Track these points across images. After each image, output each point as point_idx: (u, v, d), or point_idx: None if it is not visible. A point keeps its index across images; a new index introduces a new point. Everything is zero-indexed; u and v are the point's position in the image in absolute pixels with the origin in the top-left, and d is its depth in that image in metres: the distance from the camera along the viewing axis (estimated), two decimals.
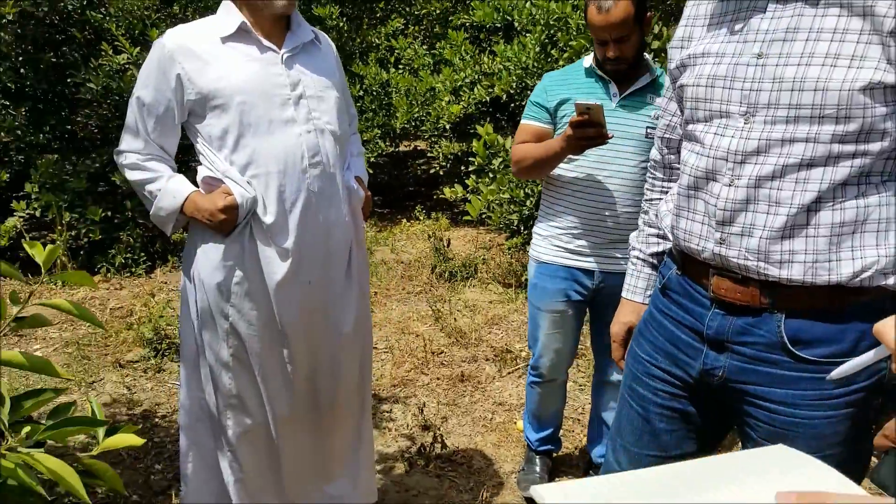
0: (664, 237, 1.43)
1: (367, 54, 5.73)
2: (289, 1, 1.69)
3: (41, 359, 0.90)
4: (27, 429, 0.83)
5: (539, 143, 2.07)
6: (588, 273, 2.12)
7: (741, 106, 1.11)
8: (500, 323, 3.70)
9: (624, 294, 1.50)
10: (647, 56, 2.10)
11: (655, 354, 1.30)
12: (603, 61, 2.00)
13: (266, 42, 1.72)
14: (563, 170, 2.08)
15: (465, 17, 5.03)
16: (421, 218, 5.57)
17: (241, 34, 1.70)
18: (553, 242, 2.15)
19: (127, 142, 1.77)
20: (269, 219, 1.73)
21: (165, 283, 4.17)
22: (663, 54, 2.61)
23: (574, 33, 4.14)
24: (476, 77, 4.98)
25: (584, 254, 2.11)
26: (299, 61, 1.76)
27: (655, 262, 1.46)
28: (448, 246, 4.70)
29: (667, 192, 1.42)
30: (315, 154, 1.76)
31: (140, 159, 1.76)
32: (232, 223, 1.72)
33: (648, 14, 2.00)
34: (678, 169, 1.36)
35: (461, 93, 5.06)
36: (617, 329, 1.48)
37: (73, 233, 4.18)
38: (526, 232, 4.15)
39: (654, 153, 1.46)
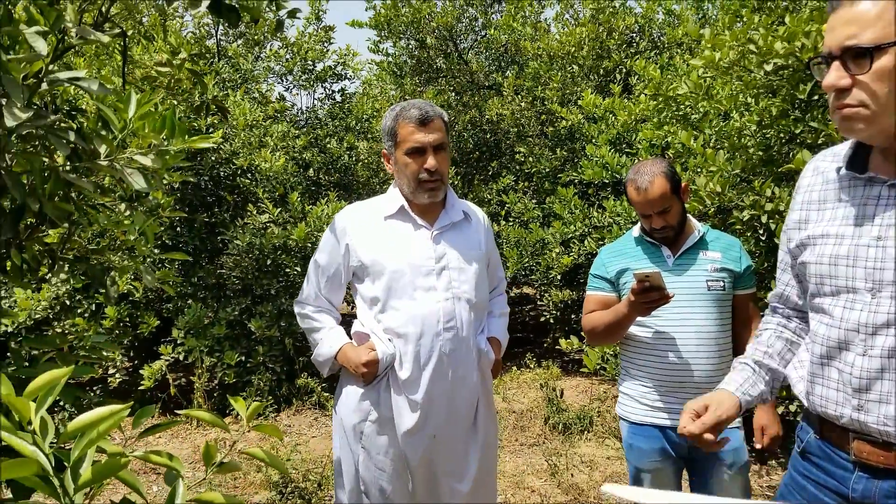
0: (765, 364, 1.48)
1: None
2: (430, 196, 1.94)
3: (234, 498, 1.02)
4: None
5: (607, 310, 2.15)
6: None
7: (867, 283, 1.19)
8: (619, 480, 3.58)
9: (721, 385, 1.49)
10: (691, 217, 2.21)
11: None
12: (650, 232, 2.12)
13: (420, 221, 1.97)
14: (637, 331, 2.14)
15: (574, 174, 5.29)
16: (531, 366, 5.58)
17: (400, 213, 1.98)
18: (641, 402, 2.16)
19: (304, 294, 2.09)
20: (404, 374, 1.91)
21: (290, 426, 4.35)
22: (777, 215, 2.67)
23: None
24: (586, 230, 5.16)
25: (673, 411, 2.09)
26: (447, 237, 1.99)
27: (759, 369, 1.48)
28: (561, 396, 4.67)
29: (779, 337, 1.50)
30: (450, 319, 1.93)
31: (312, 310, 2.06)
32: (373, 375, 1.92)
33: (683, 184, 2.13)
34: (788, 331, 1.48)
35: (571, 244, 5.23)
36: (694, 405, 1.43)
37: (209, 375, 4.50)
38: None
39: (768, 317, 1.55)
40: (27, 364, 1.48)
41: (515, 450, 4.07)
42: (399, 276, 1.92)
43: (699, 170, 2.90)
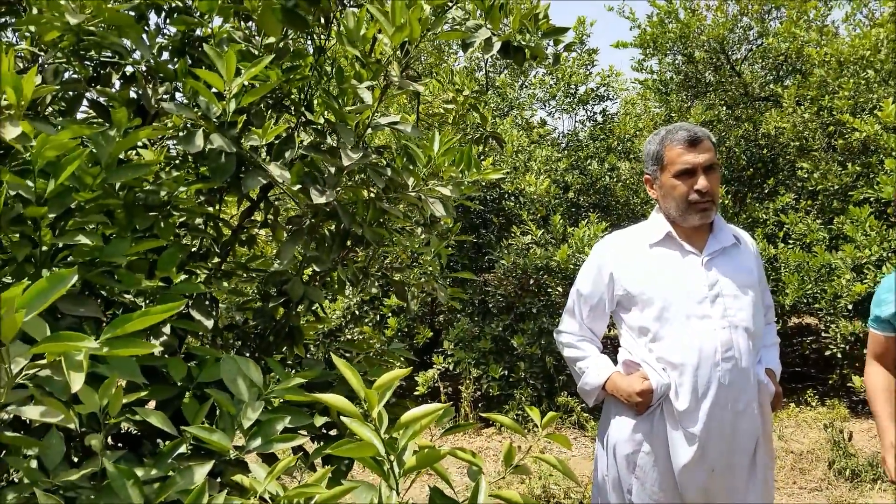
0: None
1: (753, 230, 5.66)
2: (701, 217, 1.89)
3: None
4: None
5: (882, 394, 2.05)
6: None
7: None
8: None
9: None
10: None
11: None
12: None
13: (688, 247, 1.92)
14: None
15: (870, 191, 4.69)
16: (813, 404, 5.03)
17: (667, 240, 1.93)
18: None
19: (566, 323, 2.09)
20: (681, 405, 1.85)
21: (549, 442, 4.45)
22: None
23: None
24: (884, 254, 4.53)
25: None
26: (718, 263, 1.92)
27: None
28: (850, 440, 4.14)
29: None
30: (728, 349, 1.85)
31: (575, 339, 2.05)
32: (646, 405, 1.88)
33: None
34: None
35: (865, 270, 4.63)
36: None
37: (475, 386, 4.80)
38: None
39: None
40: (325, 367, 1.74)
41: (793, 492, 3.70)
42: (670, 305, 1.87)
43: None
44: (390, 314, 4.64)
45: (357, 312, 4.41)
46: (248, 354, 1.75)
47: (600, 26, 25.49)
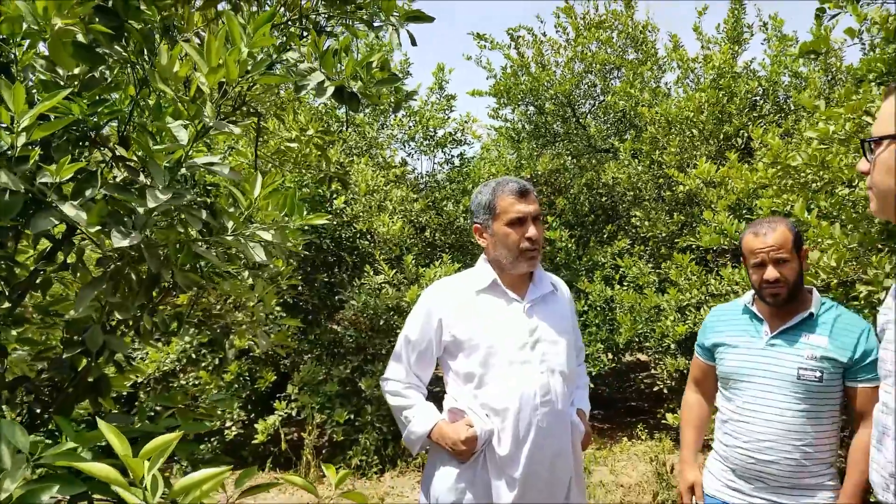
0: None
1: (592, 272, 6.02)
2: (530, 264, 1.98)
3: None
4: None
5: (689, 434, 2.28)
6: None
7: None
8: None
9: None
10: (815, 292, 2.04)
11: None
12: (761, 287, 1.98)
13: (512, 294, 1.99)
14: (723, 404, 2.10)
15: (692, 239, 5.14)
16: (643, 437, 5.35)
17: (492, 287, 1.99)
18: (717, 476, 2.10)
19: (392, 370, 2.07)
20: (502, 451, 1.89)
21: (393, 487, 4.40)
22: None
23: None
24: (703, 297, 4.96)
25: (744, 492, 2.01)
26: (538, 310, 2.00)
27: None
28: (672, 472, 4.43)
29: None
30: (546, 393, 1.92)
31: (401, 387, 2.03)
32: (471, 453, 1.90)
33: (805, 248, 2.01)
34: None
35: (687, 312, 5.04)
36: None
37: (318, 431, 4.66)
38: None
39: None
40: (153, 415, 1.63)
41: None
42: (495, 351, 1.92)
43: (818, 241, 2.75)
44: (231, 358, 4.44)
45: (194, 356, 4.17)
46: (38, 410, 1.59)
47: (460, 73, 26.47)
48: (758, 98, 6.22)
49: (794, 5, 6.10)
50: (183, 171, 1.53)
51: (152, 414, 1.66)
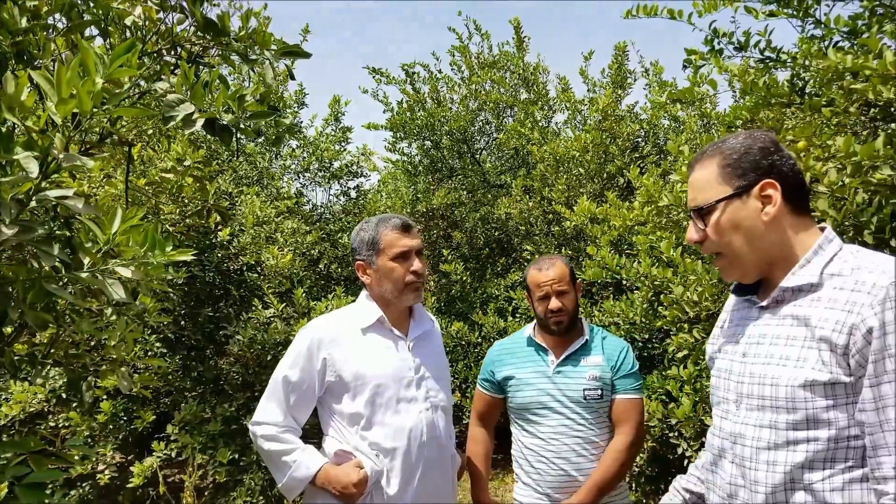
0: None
1: (486, 304, 6.12)
2: (415, 297, 1.99)
3: None
4: None
5: (477, 465, 2.35)
6: None
7: (734, 394, 1.33)
8: None
9: None
10: (584, 320, 2.33)
11: None
12: (546, 316, 2.20)
13: (396, 332, 1.99)
14: (526, 440, 2.24)
15: (578, 273, 5.33)
16: None
17: (377, 325, 1.98)
18: (528, 490, 2.25)
19: (266, 413, 1.96)
20: (391, 490, 1.87)
21: None
22: None
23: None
24: None
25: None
26: (420, 346, 2.02)
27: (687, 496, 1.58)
28: None
29: None
30: (433, 429, 1.93)
31: (278, 431, 1.93)
32: (360, 495, 1.84)
33: (578, 281, 2.31)
34: None
35: None
36: None
37: (200, 472, 4.44)
38: None
39: None
40: (3, 464, 1.50)
41: None
42: (383, 391, 1.90)
43: (685, 277, 2.93)
44: (105, 397, 4.16)
45: (64, 395, 3.88)
46: None
47: (357, 105, 26.58)
48: (640, 140, 6.60)
49: (677, 52, 6.55)
50: (33, 203, 1.45)
51: (3, 462, 1.52)
